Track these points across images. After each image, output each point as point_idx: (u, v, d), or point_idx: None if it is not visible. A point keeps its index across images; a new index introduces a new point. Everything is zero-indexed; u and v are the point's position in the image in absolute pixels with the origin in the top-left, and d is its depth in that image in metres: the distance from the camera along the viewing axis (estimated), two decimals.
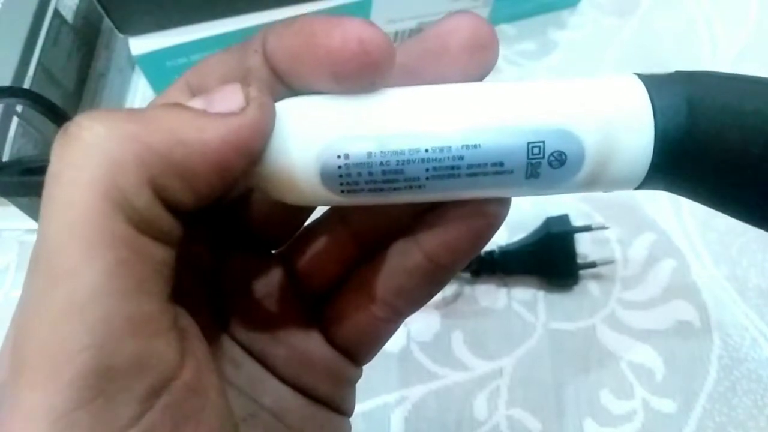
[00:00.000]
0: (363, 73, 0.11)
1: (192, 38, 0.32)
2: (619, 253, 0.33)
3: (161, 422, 0.10)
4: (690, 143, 0.11)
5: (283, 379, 0.15)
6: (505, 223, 0.35)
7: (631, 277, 0.32)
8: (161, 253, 0.10)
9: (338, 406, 0.16)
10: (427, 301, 0.15)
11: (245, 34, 0.33)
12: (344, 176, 0.11)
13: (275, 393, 0.14)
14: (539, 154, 0.11)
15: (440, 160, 0.11)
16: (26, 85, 0.30)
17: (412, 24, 0.37)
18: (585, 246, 0.32)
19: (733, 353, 0.30)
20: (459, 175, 0.11)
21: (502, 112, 0.11)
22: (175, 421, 0.10)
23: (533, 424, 0.29)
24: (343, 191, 0.12)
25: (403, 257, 0.14)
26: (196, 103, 0.11)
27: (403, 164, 0.11)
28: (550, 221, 0.31)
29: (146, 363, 0.10)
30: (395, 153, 0.11)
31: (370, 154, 0.11)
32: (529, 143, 0.11)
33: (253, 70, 0.12)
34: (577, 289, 0.32)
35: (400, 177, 0.11)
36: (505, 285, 0.32)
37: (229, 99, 0.11)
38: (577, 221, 0.32)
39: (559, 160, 0.11)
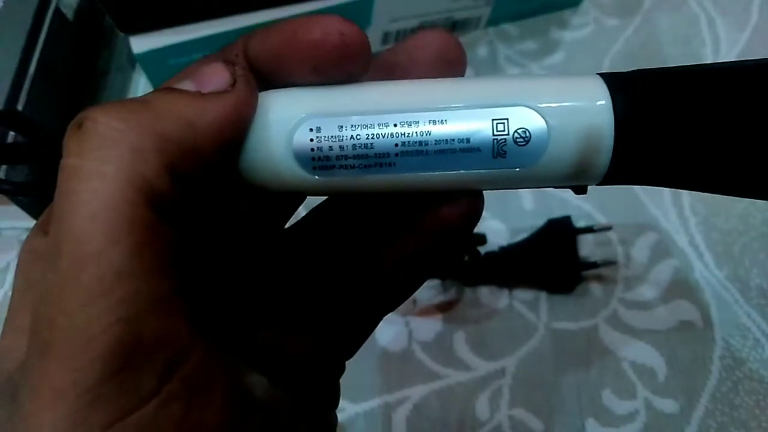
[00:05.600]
0: (342, 63, 0.11)
1: (193, 36, 0.32)
2: (621, 253, 0.33)
3: (178, 394, 0.10)
4: (647, 132, 0.12)
5: (267, 374, 0.15)
6: (506, 224, 0.35)
7: (633, 277, 0.32)
8: (173, 236, 0.11)
9: (323, 398, 0.16)
10: (405, 299, 0.16)
11: (246, 32, 0.33)
12: (316, 150, 0.12)
13: (261, 386, 0.15)
14: (504, 130, 0.12)
15: (408, 134, 0.12)
16: (26, 84, 0.30)
17: (414, 23, 0.37)
18: (587, 246, 0.32)
19: (735, 353, 0.30)
20: (427, 152, 0.12)
21: (468, 92, 0.12)
22: (190, 395, 0.10)
23: (535, 424, 0.29)
24: (315, 168, 0.12)
25: (377, 260, 0.14)
26: (187, 86, 0.11)
27: (372, 138, 0.12)
28: (552, 223, 0.31)
29: (165, 339, 0.10)
30: (365, 126, 0.12)
31: (341, 128, 0.12)
32: (493, 119, 0.12)
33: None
34: (579, 289, 0.31)
35: (371, 152, 0.12)
36: (507, 285, 0.32)
37: (218, 78, 0.11)
38: (578, 222, 0.32)
39: (524, 137, 0.12)
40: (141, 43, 0.32)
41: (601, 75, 0.12)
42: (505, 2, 0.37)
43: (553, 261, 0.31)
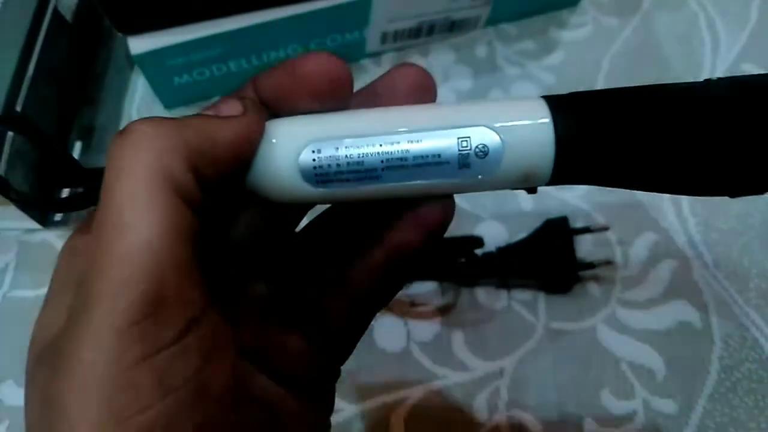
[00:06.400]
0: (331, 88, 0.14)
1: (191, 37, 0.32)
2: (619, 253, 0.33)
3: (195, 349, 0.12)
4: (582, 143, 0.14)
5: (266, 374, 0.16)
6: (504, 223, 0.35)
7: (631, 277, 0.32)
8: (194, 219, 0.13)
9: (320, 402, 0.18)
10: (393, 296, 0.18)
11: (244, 33, 0.33)
12: (317, 168, 0.14)
13: (260, 385, 0.16)
14: (467, 146, 0.14)
15: (391, 153, 0.14)
16: (25, 85, 0.30)
17: (412, 23, 0.37)
18: (586, 246, 0.32)
19: (733, 353, 0.30)
20: (407, 166, 0.14)
21: (438, 116, 0.15)
22: (206, 352, 0.13)
23: (533, 425, 0.29)
24: (317, 182, 0.15)
25: (368, 258, 0.16)
26: (209, 112, 0.15)
27: (363, 156, 0.14)
28: (548, 223, 0.31)
29: (184, 299, 0.12)
30: (356, 147, 0.14)
31: (337, 149, 0.14)
32: (458, 138, 0.14)
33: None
34: (577, 289, 0.31)
35: (362, 168, 0.14)
36: (505, 285, 0.32)
37: (232, 107, 0.14)
38: (577, 222, 0.32)
39: (484, 151, 0.14)
40: (139, 44, 0.32)
41: (545, 97, 0.15)
42: (503, 2, 0.37)
43: (550, 261, 0.31)
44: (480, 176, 0.14)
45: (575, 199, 0.34)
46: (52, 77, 0.33)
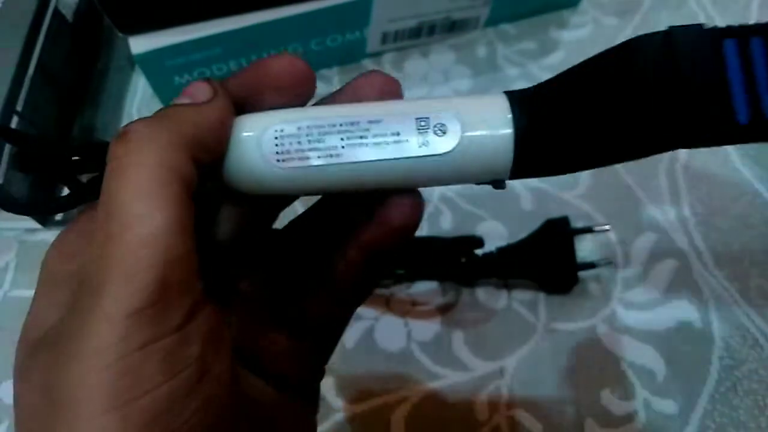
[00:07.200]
0: (293, 84, 0.16)
1: (192, 37, 0.32)
2: (620, 253, 0.33)
3: (197, 337, 0.13)
4: (541, 135, 0.15)
5: (253, 371, 0.17)
6: (505, 223, 0.35)
7: (632, 277, 0.32)
8: (194, 209, 0.14)
9: (305, 401, 0.18)
10: (371, 292, 0.18)
11: (244, 33, 0.33)
12: (279, 146, 0.15)
13: (248, 382, 0.16)
14: (426, 126, 0.15)
15: (351, 131, 0.15)
16: (25, 85, 0.30)
17: (412, 23, 0.37)
18: (586, 246, 0.32)
19: (734, 353, 0.30)
20: (367, 144, 0.15)
21: (399, 105, 0.16)
22: (204, 339, 0.13)
23: (534, 425, 0.29)
24: (279, 160, 0.15)
25: (344, 255, 0.17)
26: (184, 99, 0.15)
27: (323, 134, 0.15)
28: (549, 223, 0.31)
29: (189, 287, 0.13)
30: (317, 126, 0.15)
31: (299, 129, 0.15)
32: (417, 118, 0.15)
33: None
34: (578, 289, 0.31)
35: (322, 146, 0.15)
36: (506, 285, 0.32)
37: (203, 90, 0.15)
38: (578, 222, 0.32)
39: (442, 130, 0.15)
40: (140, 44, 0.32)
41: (506, 93, 0.15)
42: (503, 2, 0.37)
43: (550, 261, 0.31)
44: (440, 156, 0.15)
45: (576, 199, 0.34)
46: (52, 77, 0.33)
